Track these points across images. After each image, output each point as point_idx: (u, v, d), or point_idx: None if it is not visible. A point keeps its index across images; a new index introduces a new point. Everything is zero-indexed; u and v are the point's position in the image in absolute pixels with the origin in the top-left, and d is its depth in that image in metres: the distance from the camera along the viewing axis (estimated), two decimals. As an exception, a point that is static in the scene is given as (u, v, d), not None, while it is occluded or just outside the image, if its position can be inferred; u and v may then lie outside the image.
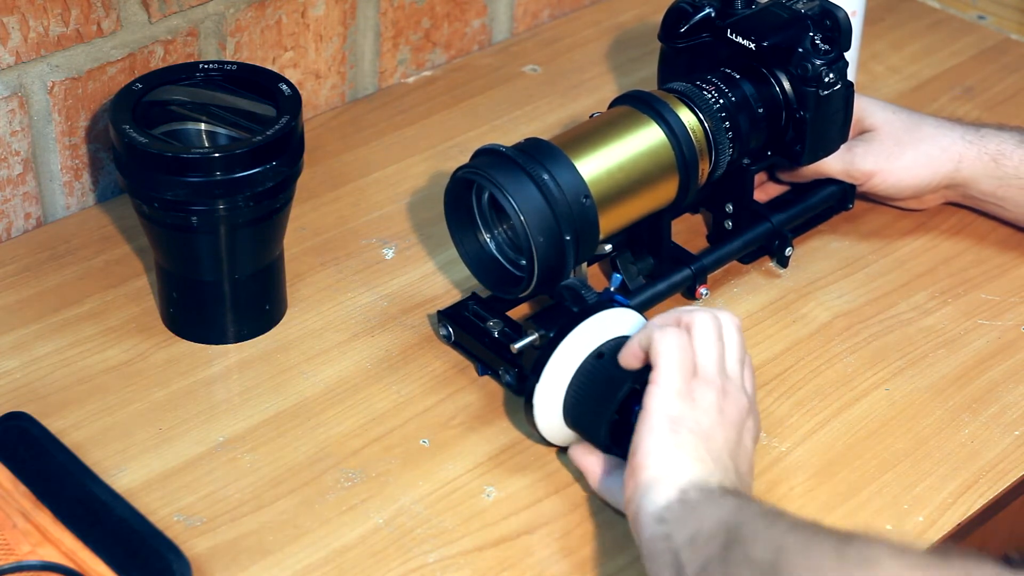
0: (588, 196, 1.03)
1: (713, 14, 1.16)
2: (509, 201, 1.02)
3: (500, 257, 1.08)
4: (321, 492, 0.99)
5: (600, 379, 0.97)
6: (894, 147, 1.18)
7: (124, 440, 1.02)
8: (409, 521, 0.97)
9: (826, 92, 1.13)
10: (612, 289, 1.02)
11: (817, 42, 1.13)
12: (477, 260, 1.08)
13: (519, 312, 1.11)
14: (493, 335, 1.06)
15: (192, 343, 1.10)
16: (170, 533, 0.94)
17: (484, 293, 1.10)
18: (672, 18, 1.18)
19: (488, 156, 1.05)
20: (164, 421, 1.04)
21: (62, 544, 0.92)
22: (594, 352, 0.98)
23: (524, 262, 1.06)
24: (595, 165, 1.05)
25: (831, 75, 1.12)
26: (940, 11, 1.52)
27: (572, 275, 1.04)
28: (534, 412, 0.98)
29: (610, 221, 1.06)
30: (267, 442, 1.03)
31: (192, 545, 0.95)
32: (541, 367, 0.97)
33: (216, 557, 0.94)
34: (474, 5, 1.42)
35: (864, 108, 1.19)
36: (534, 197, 1.02)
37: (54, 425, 1.02)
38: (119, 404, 1.05)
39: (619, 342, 0.98)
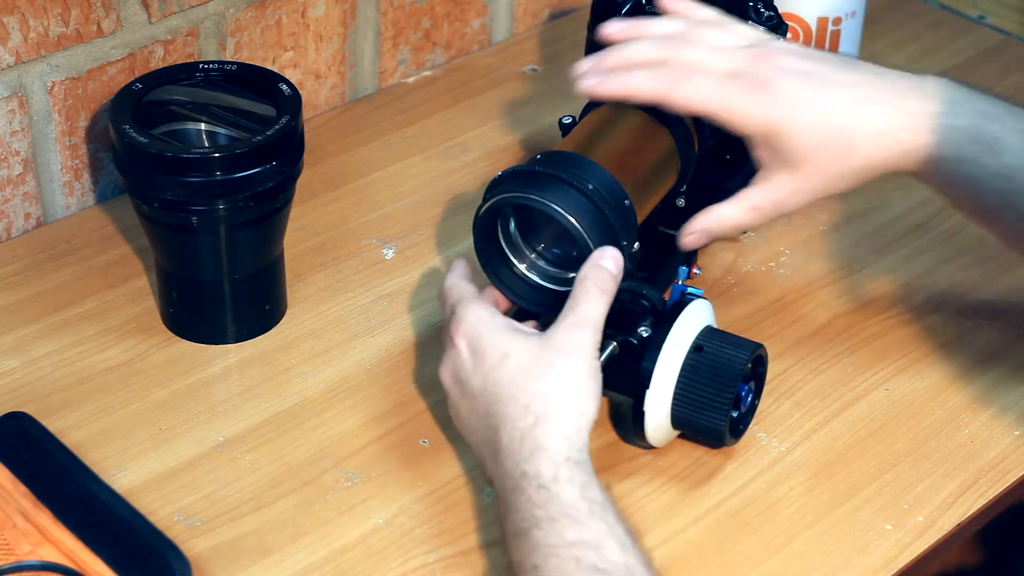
0: (627, 198, 1.03)
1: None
2: (567, 217, 0.99)
3: (543, 280, 1.07)
4: (321, 492, 0.99)
5: (709, 369, 0.97)
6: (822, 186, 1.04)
7: (124, 440, 1.02)
8: (409, 521, 0.97)
9: None
10: (681, 282, 1.02)
11: (760, 9, 1.14)
12: (523, 291, 1.06)
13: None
14: None
15: (192, 343, 1.10)
16: (170, 533, 0.94)
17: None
18: (602, 9, 1.18)
19: (519, 178, 1.02)
20: (164, 421, 1.04)
21: (62, 544, 0.92)
22: (693, 347, 0.98)
23: (572, 275, 1.05)
24: (616, 166, 1.04)
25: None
26: (940, 11, 1.52)
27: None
28: (646, 419, 0.98)
29: (639, 218, 1.06)
30: (267, 442, 1.03)
31: (192, 545, 0.95)
32: (648, 373, 0.97)
33: (216, 557, 0.94)
34: (474, 5, 1.42)
35: (787, 130, 1.03)
36: (588, 209, 1.00)
37: (54, 425, 1.02)
38: (119, 404, 1.05)
39: (711, 332, 0.99)
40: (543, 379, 0.92)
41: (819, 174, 1.03)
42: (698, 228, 1.06)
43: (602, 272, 0.97)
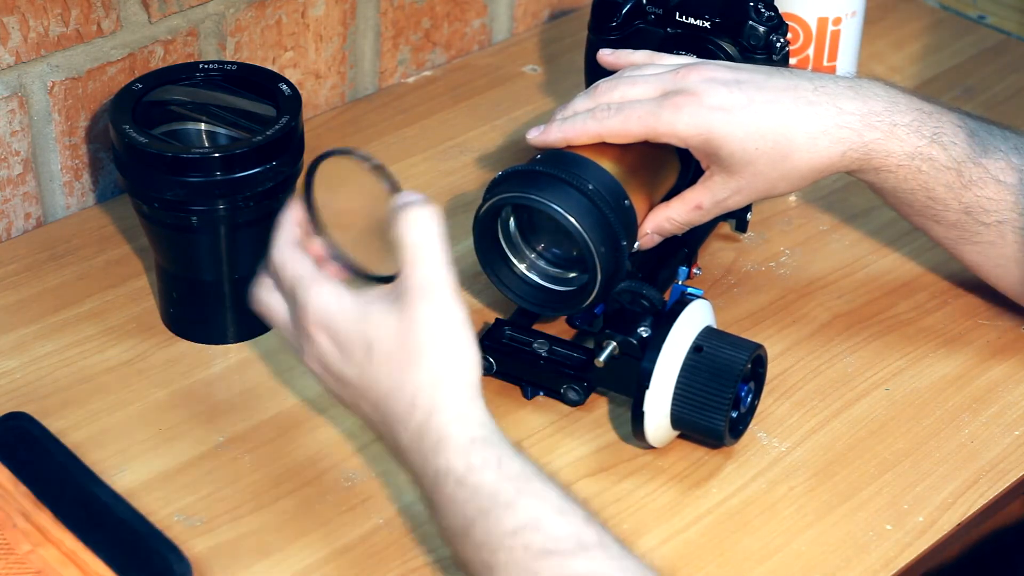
0: (627, 198, 1.03)
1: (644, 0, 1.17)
2: (567, 217, 0.99)
3: (543, 280, 1.07)
4: (321, 492, 0.99)
5: (708, 369, 0.97)
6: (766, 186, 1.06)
7: (124, 440, 1.02)
8: (409, 521, 0.97)
9: (778, 57, 1.14)
10: (681, 282, 1.02)
11: (761, 9, 1.14)
12: (523, 291, 1.06)
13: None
14: (543, 355, 1.05)
15: (192, 343, 1.10)
16: (170, 533, 0.94)
17: (506, 315, 1.09)
18: (603, 10, 1.19)
19: (519, 178, 1.02)
20: (164, 421, 1.04)
21: (62, 544, 0.92)
22: (692, 347, 0.98)
23: (572, 275, 1.05)
24: (616, 166, 1.05)
25: (780, 40, 1.13)
26: (940, 11, 1.52)
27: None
28: (645, 419, 0.98)
29: (639, 218, 1.06)
30: (267, 442, 1.03)
31: (192, 545, 0.95)
32: (648, 373, 0.97)
33: (216, 557, 0.94)
34: (474, 5, 1.42)
35: (726, 142, 1.04)
36: (588, 209, 1.00)
37: (54, 425, 1.02)
38: (119, 404, 1.05)
39: (710, 332, 0.99)
40: (417, 366, 0.85)
41: (759, 177, 1.04)
42: (650, 228, 1.07)
43: (413, 222, 0.86)
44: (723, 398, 0.97)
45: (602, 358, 1.00)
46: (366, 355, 0.87)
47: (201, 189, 1.02)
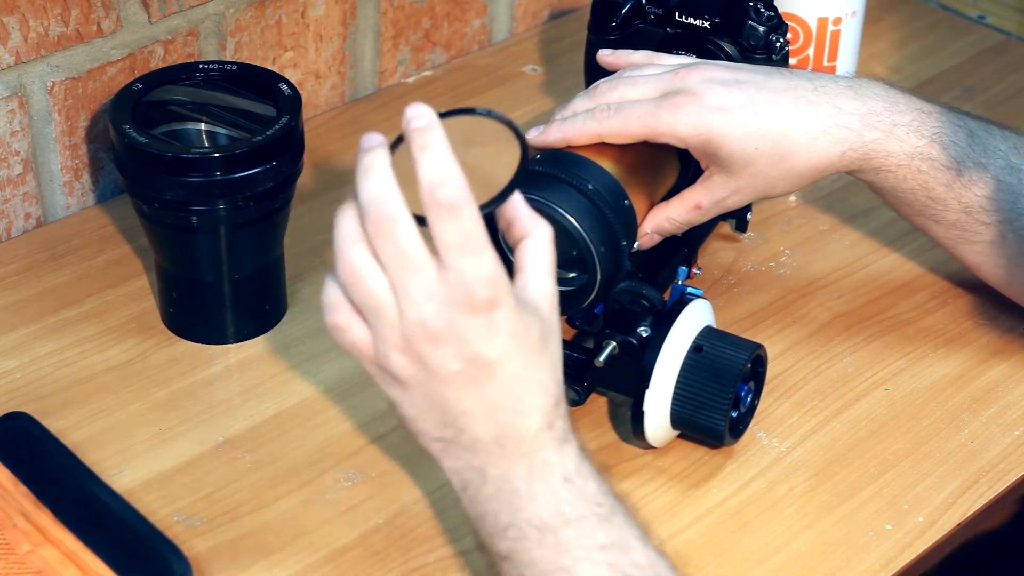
0: (627, 197, 1.03)
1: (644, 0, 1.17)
2: (567, 217, 0.99)
3: None
4: (321, 492, 0.99)
5: (708, 369, 0.98)
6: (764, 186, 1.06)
7: (124, 440, 1.02)
8: (409, 521, 0.97)
9: (777, 57, 1.14)
10: (681, 282, 1.02)
11: (760, 9, 1.14)
12: None
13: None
14: None
15: (192, 343, 1.10)
16: (170, 533, 0.94)
17: None
18: (602, 10, 1.19)
19: None
20: (164, 421, 1.04)
21: (62, 544, 0.92)
22: (692, 347, 0.98)
23: (572, 275, 1.05)
24: (615, 166, 1.05)
25: (780, 40, 1.13)
26: (940, 11, 1.52)
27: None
28: (645, 419, 0.98)
29: (639, 218, 1.06)
30: (267, 442, 1.03)
31: (192, 545, 0.95)
32: (648, 373, 0.97)
33: (216, 557, 0.94)
34: (474, 5, 1.42)
35: (725, 142, 1.04)
36: (588, 209, 1.00)
37: (54, 425, 1.02)
38: (119, 404, 1.05)
39: (710, 332, 0.99)
40: (548, 352, 0.84)
41: (759, 177, 1.04)
42: (649, 228, 1.07)
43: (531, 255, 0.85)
44: (723, 398, 0.97)
45: (602, 358, 1.00)
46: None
47: (201, 189, 1.02)
